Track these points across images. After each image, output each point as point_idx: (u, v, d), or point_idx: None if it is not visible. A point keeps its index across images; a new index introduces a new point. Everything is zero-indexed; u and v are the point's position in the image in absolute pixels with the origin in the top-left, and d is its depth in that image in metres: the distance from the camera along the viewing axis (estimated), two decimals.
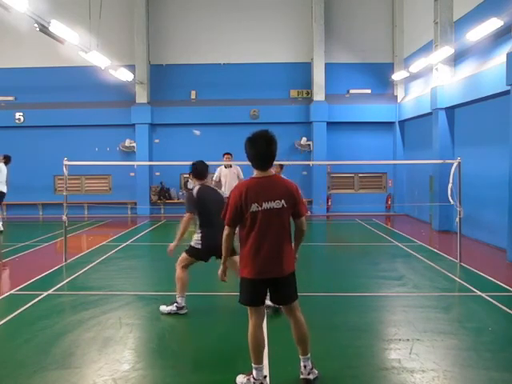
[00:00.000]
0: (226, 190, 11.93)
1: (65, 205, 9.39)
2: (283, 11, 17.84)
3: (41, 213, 17.52)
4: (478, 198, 11.28)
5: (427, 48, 14.19)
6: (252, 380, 4.07)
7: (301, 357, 4.19)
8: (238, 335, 5.45)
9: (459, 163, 8.87)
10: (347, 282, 7.84)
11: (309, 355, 4.18)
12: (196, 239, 6.08)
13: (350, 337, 5.32)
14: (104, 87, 17.25)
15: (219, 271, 4.23)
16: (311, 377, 4.15)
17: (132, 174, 17.62)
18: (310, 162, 16.49)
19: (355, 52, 17.70)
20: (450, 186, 8.80)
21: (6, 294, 7.01)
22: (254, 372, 4.04)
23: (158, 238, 13.23)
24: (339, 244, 11.99)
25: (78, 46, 12.01)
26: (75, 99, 17.70)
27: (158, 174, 17.99)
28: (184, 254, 6.22)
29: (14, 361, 4.70)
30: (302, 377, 4.18)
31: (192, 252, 6.14)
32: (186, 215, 5.96)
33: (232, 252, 4.48)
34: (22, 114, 17.71)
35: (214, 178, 11.63)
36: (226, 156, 11.36)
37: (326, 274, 8.47)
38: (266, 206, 3.86)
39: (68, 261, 9.26)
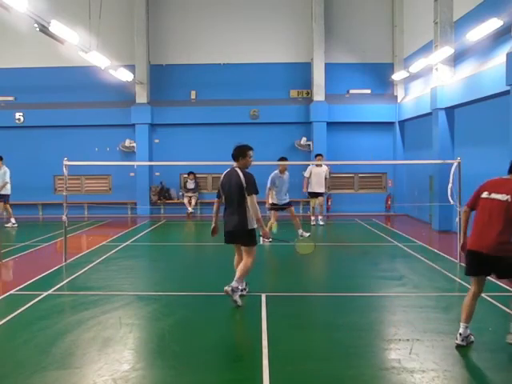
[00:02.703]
0: (315, 187, 13.72)
1: (65, 205, 9.39)
2: (283, 11, 17.82)
3: (41, 213, 17.52)
4: None
5: (427, 48, 14.18)
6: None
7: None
8: (238, 335, 5.46)
9: (459, 163, 8.88)
10: (347, 282, 7.83)
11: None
12: None
13: (350, 337, 5.32)
14: (104, 87, 17.24)
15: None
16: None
17: (132, 174, 17.61)
18: (310, 162, 16.45)
19: (355, 52, 17.69)
20: (449, 186, 8.80)
21: (6, 294, 7.01)
22: (461, 328, 4.90)
23: (158, 238, 13.22)
24: (339, 244, 11.97)
25: (78, 45, 12.00)
26: (75, 99, 17.69)
27: (157, 174, 17.98)
28: None
29: (13, 361, 4.70)
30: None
31: None
32: None
33: None
34: (21, 114, 17.70)
35: (305, 175, 13.27)
36: (318, 157, 13.29)
37: (326, 273, 8.47)
38: (494, 196, 4.87)
39: (68, 261, 9.26)
